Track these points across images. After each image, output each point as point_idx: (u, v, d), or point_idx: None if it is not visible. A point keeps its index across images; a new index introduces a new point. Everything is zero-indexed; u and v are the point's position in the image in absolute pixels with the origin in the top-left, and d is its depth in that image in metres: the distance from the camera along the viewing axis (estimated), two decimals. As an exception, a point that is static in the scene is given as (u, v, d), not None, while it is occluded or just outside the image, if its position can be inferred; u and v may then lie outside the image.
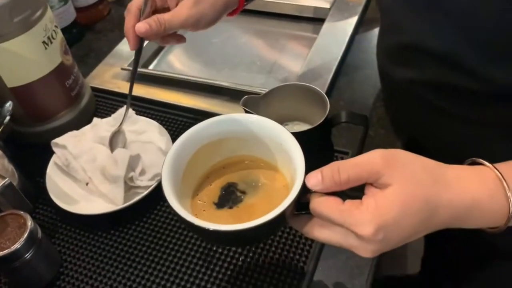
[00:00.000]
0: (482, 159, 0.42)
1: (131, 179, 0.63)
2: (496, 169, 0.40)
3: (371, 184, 0.39)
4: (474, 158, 0.43)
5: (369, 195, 0.38)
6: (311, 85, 0.59)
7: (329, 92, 0.78)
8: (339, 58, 0.82)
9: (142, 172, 0.64)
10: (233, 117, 0.48)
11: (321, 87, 0.76)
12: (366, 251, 0.39)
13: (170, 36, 0.64)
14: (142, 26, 0.57)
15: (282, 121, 0.64)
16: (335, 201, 0.39)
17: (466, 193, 0.39)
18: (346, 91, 0.80)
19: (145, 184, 0.63)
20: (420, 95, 0.60)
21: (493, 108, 0.53)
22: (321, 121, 0.55)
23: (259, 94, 0.60)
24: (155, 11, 0.61)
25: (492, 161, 0.41)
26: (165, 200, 0.40)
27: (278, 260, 0.58)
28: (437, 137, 0.64)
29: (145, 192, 0.62)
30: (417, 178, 0.38)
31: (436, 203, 0.38)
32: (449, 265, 0.86)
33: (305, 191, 0.40)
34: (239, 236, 0.40)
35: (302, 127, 0.64)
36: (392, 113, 0.74)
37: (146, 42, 0.69)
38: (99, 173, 0.65)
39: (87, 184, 0.66)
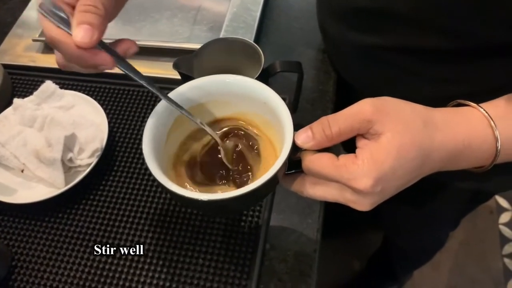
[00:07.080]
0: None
1: (70, 160, 0.60)
2: (482, 108, 0.40)
3: (362, 136, 0.38)
4: (458, 100, 0.42)
5: (363, 148, 0.37)
6: (242, 38, 0.59)
7: (257, 38, 0.78)
8: (261, 2, 0.81)
9: (80, 151, 0.61)
10: (212, 79, 0.46)
11: (249, 35, 0.75)
12: (364, 204, 0.38)
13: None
14: (77, 34, 0.37)
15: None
16: (329, 157, 0.37)
17: (457, 135, 0.38)
18: (273, 36, 0.79)
19: (85, 162, 0.61)
20: (379, 57, 0.58)
21: (458, 64, 0.51)
22: (258, 73, 0.55)
23: (187, 50, 0.57)
24: None
25: None
26: (110, 175, 0.39)
27: (234, 218, 0.59)
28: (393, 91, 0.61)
29: (87, 170, 0.60)
30: (408, 123, 0.37)
31: (429, 148, 0.37)
32: None
33: (295, 149, 0.39)
34: (232, 203, 0.39)
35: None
36: (341, 71, 0.71)
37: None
38: (33, 157, 0.61)
39: (22, 171, 0.62)
